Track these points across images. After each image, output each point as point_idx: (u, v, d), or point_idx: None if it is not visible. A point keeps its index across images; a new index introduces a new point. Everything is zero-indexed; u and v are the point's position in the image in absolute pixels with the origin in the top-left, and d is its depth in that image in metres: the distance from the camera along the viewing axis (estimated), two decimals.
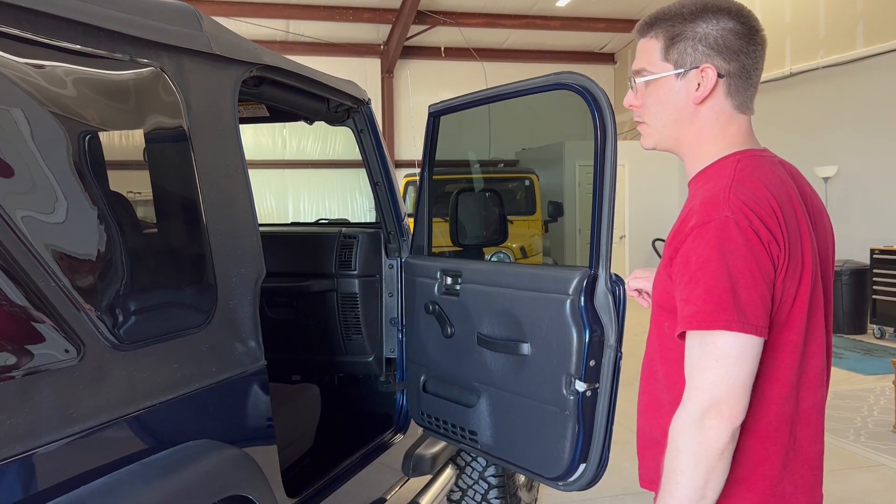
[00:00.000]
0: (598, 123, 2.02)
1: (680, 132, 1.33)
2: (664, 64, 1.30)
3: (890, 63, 8.48)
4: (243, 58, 1.86)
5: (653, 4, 12.38)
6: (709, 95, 1.27)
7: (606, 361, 2.00)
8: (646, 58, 1.33)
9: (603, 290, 2.02)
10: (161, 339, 1.51)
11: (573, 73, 2.09)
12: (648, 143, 1.38)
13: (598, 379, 2.00)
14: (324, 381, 3.22)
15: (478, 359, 2.31)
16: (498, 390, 2.26)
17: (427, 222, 2.72)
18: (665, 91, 1.31)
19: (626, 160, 12.60)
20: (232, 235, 1.73)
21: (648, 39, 1.32)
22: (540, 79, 2.17)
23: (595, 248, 2.07)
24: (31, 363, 1.20)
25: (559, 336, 2.03)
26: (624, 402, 2.08)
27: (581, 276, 2.04)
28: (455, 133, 3.14)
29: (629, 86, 1.38)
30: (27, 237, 1.20)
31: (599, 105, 2.01)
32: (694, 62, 1.27)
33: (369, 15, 12.08)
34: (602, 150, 2.02)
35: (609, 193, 2.04)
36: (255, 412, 1.80)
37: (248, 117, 2.89)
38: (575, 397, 1.99)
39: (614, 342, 2.00)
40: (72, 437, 1.25)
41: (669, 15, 1.30)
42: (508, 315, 2.21)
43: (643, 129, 1.38)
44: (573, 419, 2.01)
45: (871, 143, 8.56)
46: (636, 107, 1.37)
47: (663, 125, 1.33)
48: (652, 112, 1.34)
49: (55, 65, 1.33)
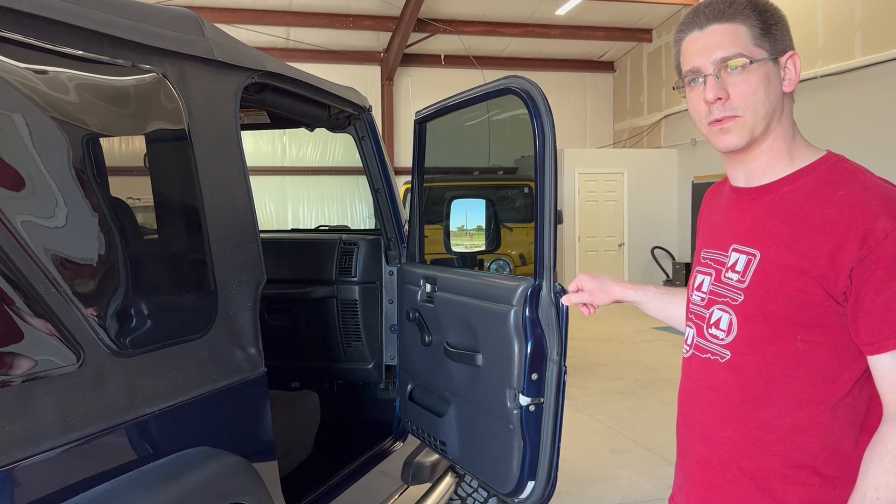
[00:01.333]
0: (536, 129, 1.93)
1: (773, 123, 1.23)
2: (757, 49, 1.20)
3: (888, 72, 8.51)
4: (245, 64, 1.86)
5: (651, 13, 12.43)
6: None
7: (550, 376, 1.94)
8: (737, 43, 1.20)
9: (546, 302, 1.95)
10: (161, 346, 1.50)
11: (518, 78, 2.02)
12: (743, 137, 1.22)
13: (541, 393, 1.93)
14: (323, 387, 3.21)
15: (446, 368, 2.29)
16: (462, 400, 2.24)
17: (419, 229, 2.73)
18: (764, 77, 1.20)
19: (625, 168, 12.63)
20: (233, 242, 1.73)
21: (732, 24, 1.21)
22: (492, 83, 2.15)
23: (538, 256, 1.95)
24: (31, 369, 1.20)
25: (504, 347, 1.98)
26: (621, 409, 2.07)
27: (525, 286, 1.97)
28: (455, 141, 3.14)
29: (698, 80, 1.24)
30: (27, 242, 1.19)
31: (539, 110, 1.93)
32: (785, 48, 1.22)
33: (369, 22, 12.11)
34: (542, 155, 1.93)
35: (550, 200, 1.92)
36: (255, 419, 1.79)
37: (250, 124, 2.89)
38: (519, 411, 1.94)
39: (557, 356, 1.93)
40: (71, 444, 1.25)
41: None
42: (467, 324, 2.18)
43: (734, 122, 1.22)
44: (518, 434, 1.96)
45: (870, 151, 8.56)
46: (722, 99, 1.21)
47: (764, 115, 1.21)
48: (751, 102, 1.20)
49: (58, 70, 1.33)
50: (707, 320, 1.31)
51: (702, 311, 1.33)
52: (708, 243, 1.38)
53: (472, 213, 3.12)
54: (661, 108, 13.17)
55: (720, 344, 1.28)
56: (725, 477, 1.27)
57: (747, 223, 1.27)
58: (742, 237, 1.27)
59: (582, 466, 4.43)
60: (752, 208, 1.28)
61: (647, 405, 5.59)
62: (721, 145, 1.25)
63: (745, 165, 1.29)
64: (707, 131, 1.27)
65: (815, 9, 9.45)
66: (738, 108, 1.21)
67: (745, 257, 1.25)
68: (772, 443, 1.21)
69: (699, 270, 1.38)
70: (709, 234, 1.40)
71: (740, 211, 1.30)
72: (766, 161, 1.26)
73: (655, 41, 13.27)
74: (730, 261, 1.28)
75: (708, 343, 1.31)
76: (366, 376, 2.99)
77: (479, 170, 10.71)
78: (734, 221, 1.31)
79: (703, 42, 1.23)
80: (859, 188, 1.16)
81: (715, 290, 1.30)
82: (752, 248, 1.24)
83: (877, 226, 1.10)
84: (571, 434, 4.99)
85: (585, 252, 12.57)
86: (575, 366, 7.10)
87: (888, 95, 8.52)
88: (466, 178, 10.09)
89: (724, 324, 1.27)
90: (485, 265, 7.07)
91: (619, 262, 12.71)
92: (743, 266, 1.25)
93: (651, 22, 12.93)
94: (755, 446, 1.23)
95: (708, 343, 1.31)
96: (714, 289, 1.31)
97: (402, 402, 2.68)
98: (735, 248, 1.28)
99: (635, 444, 4.80)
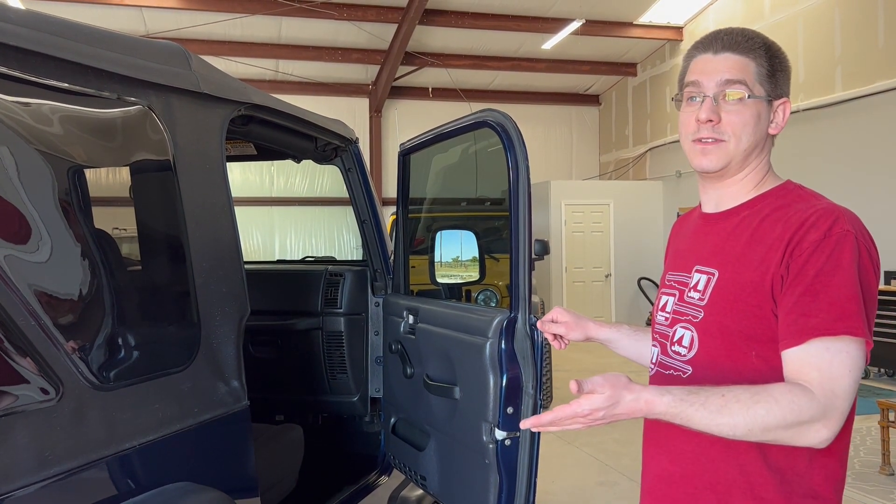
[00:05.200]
0: (510, 161, 1.93)
1: (752, 158, 1.30)
2: (758, 86, 1.27)
3: (867, 106, 8.67)
4: (232, 97, 1.87)
5: (635, 48, 12.65)
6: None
7: (525, 409, 1.91)
8: (743, 74, 1.27)
9: (522, 334, 1.93)
10: (142, 379, 1.48)
11: (493, 111, 2.04)
12: (720, 161, 1.28)
13: (516, 427, 1.90)
14: (308, 420, 3.17)
15: (427, 401, 2.26)
16: (441, 434, 2.21)
17: (404, 260, 2.73)
18: (756, 114, 1.27)
19: (611, 199, 12.72)
20: (217, 274, 1.72)
21: (744, 58, 1.27)
22: (468, 116, 2.16)
23: (514, 288, 1.94)
24: (8, 404, 1.18)
25: (479, 380, 1.96)
26: (609, 441, 2.05)
27: (501, 318, 1.94)
28: (442, 173, 3.16)
29: (696, 99, 1.30)
30: (7, 274, 1.18)
31: (512, 143, 1.93)
32: (781, 93, 1.30)
33: (358, 56, 12.23)
34: (515, 187, 1.92)
35: (524, 231, 1.92)
36: (238, 454, 1.76)
37: (236, 155, 2.90)
38: (494, 445, 1.91)
39: (532, 390, 1.90)
40: (49, 479, 1.22)
41: (766, 41, 1.30)
42: (445, 357, 2.16)
43: (717, 147, 1.28)
44: (494, 469, 1.93)
45: (849, 184, 8.69)
46: (713, 122, 1.27)
47: (745, 148, 1.28)
48: (738, 132, 1.27)
49: (43, 102, 1.33)
50: (670, 338, 1.36)
51: (666, 330, 1.39)
52: (673, 267, 1.44)
53: (457, 244, 3.12)
54: (646, 141, 13.33)
55: (682, 360, 1.33)
56: (686, 490, 1.30)
57: (710, 245, 1.34)
58: (704, 259, 1.33)
59: (569, 499, 4.38)
60: (715, 232, 1.34)
61: (634, 437, 5.55)
62: (698, 164, 1.31)
63: (717, 191, 1.36)
64: (689, 148, 1.33)
65: (797, 44, 9.66)
66: (725, 134, 1.27)
67: (705, 277, 1.31)
68: (733, 457, 1.24)
69: (664, 292, 1.43)
70: (675, 258, 1.46)
71: (705, 234, 1.37)
72: (737, 190, 1.33)
73: (640, 75, 13.49)
74: (692, 281, 1.34)
75: (671, 360, 1.36)
76: (351, 409, 2.95)
77: (465, 201, 10.76)
78: (699, 245, 1.37)
79: (712, 65, 1.29)
80: (807, 207, 1.22)
81: (678, 310, 1.36)
82: (712, 267, 1.31)
83: (805, 238, 1.17)
84: (559, 466, 4.95)
85: (572, 283, 12.60)
86: (562, 397, 7.07)
87: (867, 129, 8.68)
88: (453, 209, 10.13)
89: (686, 340, 1.32)
90: (473, 296, 7.06)
91: (606, 292, 12.74)
92: (703, 285, 1.31)
93: (635, 56, 13.15)
94: (717, 460, 1.26)
95: (671, 360, 1.36)
96: (677, 308, 1.36)
97: (385, 435, 2.65)
98: (697, 269, 1.34)
99: (623, 477, 4.76)
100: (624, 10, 11.42)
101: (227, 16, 10.29)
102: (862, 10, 8.77)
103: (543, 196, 12.25)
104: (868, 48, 8.70)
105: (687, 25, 12.00)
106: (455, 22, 11.12)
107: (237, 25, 10.84)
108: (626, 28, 11.83)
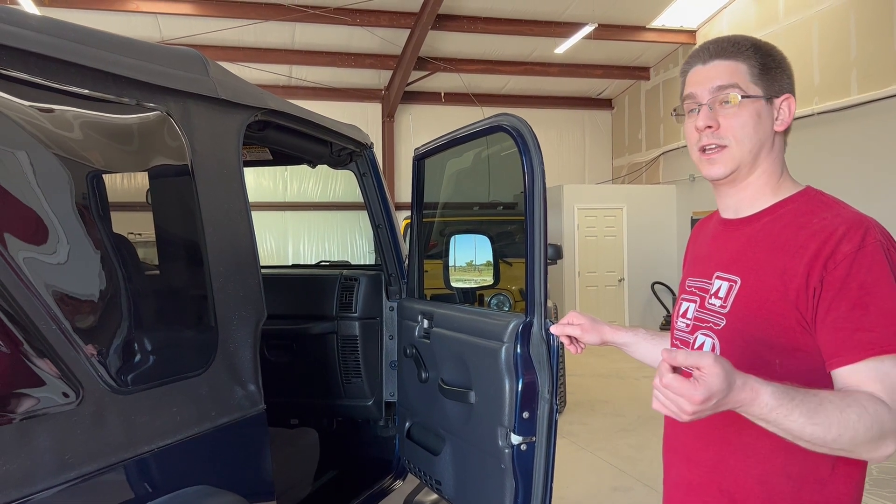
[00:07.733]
0: (525, 165, 1.93)
1: (761, 158, 1.30)
2: (753, 87, 1.28)
3: (884, 109, 8.59)
4: (248, 102, 1.88)
5: (648, 52, 12.61)
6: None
7: (541, 414, 1.90)
8: (734, 77, 1.28)
9: (538, 339, 1.92)
10: (160, 383, 1.49)
11: (508, 115, 2.04)
12: (728, 167, 1.29)
13: (532, 432, 1.89)
14: (322, 424, 3.18)
15: (441, 405, 2.26)
16: (457, 438, 2.20)
17: (418, 264, 2.73)
18: (755, 114, 1.28)
19: (624, 203, 12.67)
20: (234, 278, 1.73)
21: (733, 62, 1.29)
22: (483, 121, 2.16)
23: (529, 293, 1.94)
24: (29, 407, 1.19)
25: (495, 385, 1.95)
26: (623, 446, 2.05)
27: (517, 322, 1.94)
28: (456, 177, 3.17)
29: (692, 109, 1.32)
30: (28, 278, 1.20)
31: (528, 147, 1.93)
32: (781, 90, 1.30)
33: (371, 61, 12.27)
34: (531, 191, 1.92)
35: (539, 236, 1.91)
36: (254, 457, 1.77)
37: (252, 160, 2.92)
38: (510, 450, 1.90)
39: (548, 394, 1.90)
40: (69, 482, 1.23)
41: (755, 42, 1.31)
42: (461, 361, 2.16)
43: (721, 153, 1.29)
44: (510, 474, 1.92)
45: (866, 187, 8.61)
46: (712, 128, 1.29)
47: (750, 150, 1.28)
48: (738, 135, 1.27)
49: (63, 108, 1.35)
50: (691, 345, 1.35)
51: (686, 336, 1.38)
52: (693, 272, 1.43)
53: (471, 248, 3.13)
54: (660, 145, 13.27)
55: None
56: (704, 499, 1.29)
57: (730, 252, 1.32)
58: (725, 265, 1.32)
59: None
60: (735, 238, 1.33)
61: (650, 442, 5.54)
62: (707, 173, 1.32)
63: (732, 197, 1.35)
64: (697, 159, 1.34)
65: (812, 47, 9.59)
66: (726, 139, 1.28)
67: (727, 284, 1.30)
68: (752, 465, 1.23)
69: (684, 298, 1.42)
70: (694, 263, 1.46)
71: (724, 240, 1.36)
72: (753, 193, 1.32)
73: (653, 79, 13.44)
74: (713, 288, 1.33)
75: None
76: (365, 413, 2.96)
77: (478, 205, 10.76)
78: (719, 251, 1.36)
79: (704, 74, 1.31)
80: (832, 216, 1.21)
81: (699, 317, 1.35)
82: (734, 274, 1.29)
83: (839, 250, 1.15)
84: (573, 471, 4.92)
85: (586, 287, 12.55)
86: (576, 402, 7.04)
87: (884, 132, 8.60)
88: (466, 213, 10.13)
89: (707, 348, 1.31)
90: (486, 300, 7.05)
91: (620, 297, 12.68)
92: (725, 292, 1.29)
93: (648, 60, 13.11)
94: (736, 468, 1.25)
95: None
96: (699, 315, 1.35)
97: (399, 439, 2.65)
98: (718, 276, 1.33)
99: (637, 483, 4.73)
100: (637, 14, 11.38)
101: (241, 22, 10.36)
102: (877, 12, 8.70)
103: (556, 200, 12.22)
104: (884, 51, 8.63)
105: (700, 29, 11.94)
106: (468, 27, 11.12)
107: (250, 31, 10.91)
108: (638, 32, 11.78)
